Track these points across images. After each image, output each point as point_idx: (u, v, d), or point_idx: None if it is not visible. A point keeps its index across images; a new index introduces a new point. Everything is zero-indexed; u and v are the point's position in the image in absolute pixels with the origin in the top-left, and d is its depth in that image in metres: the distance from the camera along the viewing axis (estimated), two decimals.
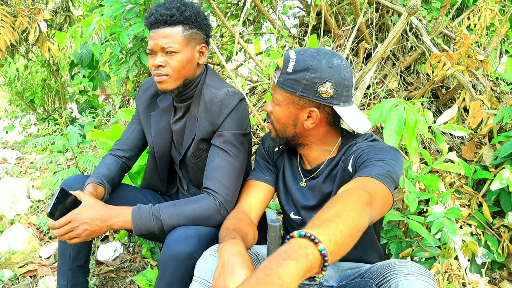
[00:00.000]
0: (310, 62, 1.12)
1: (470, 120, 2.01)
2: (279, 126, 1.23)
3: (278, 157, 1.40)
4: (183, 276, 1.14)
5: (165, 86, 1.37)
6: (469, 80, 2.17)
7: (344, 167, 1.20)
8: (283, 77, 1.15)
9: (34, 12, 3.59)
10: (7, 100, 5.59)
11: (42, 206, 2.61)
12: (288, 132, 1.22)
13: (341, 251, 0.76)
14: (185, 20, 1.33)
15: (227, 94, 1.37)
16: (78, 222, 1.20)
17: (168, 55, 1.34)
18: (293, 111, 1.18)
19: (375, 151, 1.12)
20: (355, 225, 0.80)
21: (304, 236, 0.71)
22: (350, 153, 1.20)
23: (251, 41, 3.77)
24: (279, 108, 1.19)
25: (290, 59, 1.14)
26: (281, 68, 1.16)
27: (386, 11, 2.70)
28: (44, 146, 3.64)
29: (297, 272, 0.64)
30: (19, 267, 2.04)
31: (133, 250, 2.17)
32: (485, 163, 1.99)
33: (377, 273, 1.04)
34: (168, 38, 1.32)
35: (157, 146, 1.56)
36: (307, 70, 1.12)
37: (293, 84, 1.14)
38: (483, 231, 1.84)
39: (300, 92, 1.14)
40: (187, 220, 1.25)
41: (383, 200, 0.97)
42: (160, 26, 1.32)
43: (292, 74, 1.13)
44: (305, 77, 1.12)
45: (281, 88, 1.16)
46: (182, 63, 1.35)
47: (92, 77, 3.86)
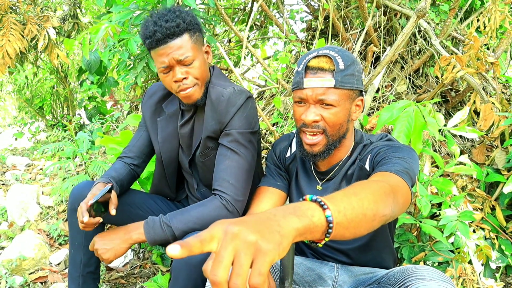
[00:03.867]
0: (350, 55, 1.14)
1: (481, 123, 1.99)
2: (334, 129, 1.16)
3: (290, 163, 1.38)
4: (196, 282, 1.14)
5: (194, 96, 1.36)
6: (479, 82, 2.15)
7: (361, 165, 1.20)
8: (340, 75, 1.10)
9: (43, 20, 3.63)
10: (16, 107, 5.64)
11: (52, 213, 2.62)
12: (342, 131, 1.18)
13: (350, 227, 0.74)
14: (188, 26, 1.31)
15: (234, 92, 1.36)
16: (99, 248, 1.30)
17: (185, 66, 1.31)
18: (348, 106, 1.16)
19: (393, 149, 1.12)
20: (371, 208, 0.78)
21: (315, 201, 0.72)
22: (366, 152, 1.20)
23: (257, 46, 3.78)
24: (337, 109, 1.13)
25: (335, 57, 1.11)
26: (331, 68, 1.11)
27: (394, 14, 2.70)
28: (53, 153, 3.67)
29: (297, 227, 0.64)
30: (29, 273, 2.04)
31: (143, 256, 2.17)
32: (498, 166, 1.97)
33: (395, 278, 1.02)
34: (181, 49, 1.29)
35: (164, 152, 1.55)
36: (354, 63, 1.13)
37: (350, 79, 1.12)
38: (496, 235, 1.82)
39: (356, 84, 1.14)
40: (196, 223, 1.26)
41: (403, 194, 0.95)
42: (168, 40, 1.28)
43: (346, 69, 1.11)
44: (356, 69, 1.13)
45: (341, 87, 1.11)
46: (201, 68, 1.35)
47: (101, 83, 3.88)
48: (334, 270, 1.30)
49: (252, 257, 0.56)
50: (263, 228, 0.60)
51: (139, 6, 2.16)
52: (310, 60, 1.13)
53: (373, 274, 1.23)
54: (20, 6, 3.65)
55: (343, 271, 1.29)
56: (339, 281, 1.27)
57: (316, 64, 1.12)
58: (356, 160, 1.23)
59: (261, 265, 0.56)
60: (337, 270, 1.29)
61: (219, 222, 0.61)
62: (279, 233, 0.60)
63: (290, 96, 2.63)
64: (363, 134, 1.28)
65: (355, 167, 1.22)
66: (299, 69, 1.15)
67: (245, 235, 0.57)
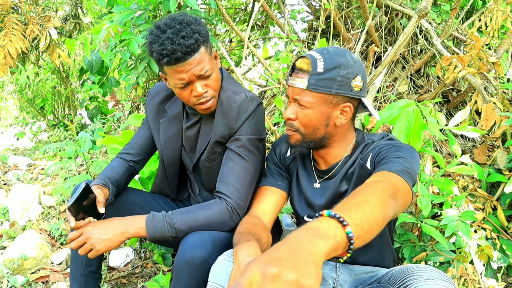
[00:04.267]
0: (339, 59, 1.12)
1: (483, 123, 1.99)
2: (308, 130, 1.20)
3: (291, 162, 1.39)
4: (198, 282, 1.14)
5: (213, 108, 1.36)
6: (481, 82, 2.15)
7: (362, 164, 1.20)
8: (314, 79, 1.12)
9: (44, 20, 3.64)
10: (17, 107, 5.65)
11: (53, 212, 2.63)
12: (318, 134, 1.20)
13: (366, 237, 0.77)
14: (203, 38, 1.27)
15: (246, 99, 1.36)
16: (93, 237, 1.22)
17: (205, 79, 1.29)
18: (325, 110, 1.16)
19: (394, 148, 1.13)
20: (381, 214, 0.81)
21: (333, 217, 0.73)
22: (368, 151, 1.20)
23: (258, 46, 3.78)
24: (310, 111, 1.16)
25: (317, 60, 1.12)
26: (309, 70, 1.13)
27: (395, 14, 2.70)
28: (55, 153, 3.67)
29: (325, 251, 0.66)
30: (31, 273, 2.05)
31: (145, 255, 2.17)
32: (499, 166, 1.96)
33: (395, 278, 1.02)
34: (201, 64, 1.26)
35: (166, 153, 1.55)
36: (339, 67, 1.12)
37: (328, 83, 1.12)
38: (498, 235, 1.82)
39: (335, 90, 1.12)
40: (200, 226, 1.26)
41: (404, 194, 0.97)
42: (187, 57, 1.23)
43: (324, 73, 1.11)
44: (339, 74, 1.11)
45: (314, 89, 1.13)
46: (218, 79, 1.34)
47: (102, 83, 3.89)
48: (335, 269, 1.30)
49: None
50: (299, 263, 0.60)
51: (141, 6, 2.17)
52: (298, 59, 1.17)
53: (373, 273, 1.24)
54: (22, 6, 3.66)
55: (344, 270, 1.29)
56: (339, 280, 1.27)
57: (298, 64, 1.15)
58: (357, 159, 1.23)
59: None
60: (338, 270, 1.29)
61: (253, 263, 0.61)
62: (313, 263, 0.61)
63: None
64: (364, 133, 1.29)
65: (355, 166, 1.23)
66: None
67: (285, 276, 0.57)
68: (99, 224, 1.24)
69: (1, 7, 3.41)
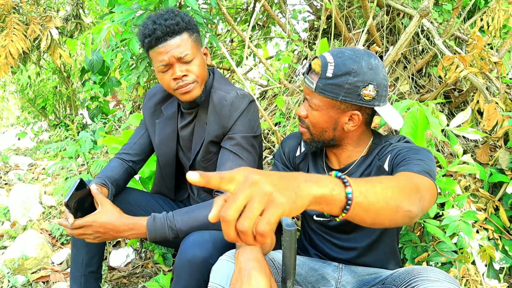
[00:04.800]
0: (351, 65, 1.08)
1: (485, 123, 1.98)
2: (316, 131, 1.19)
3: (301, 161, 1.36)
4: (199, 281, 1.14)
5: (194, 93, 1.35)
6: (483, 82, 2.14)
7: (379, 165, 1.19)
8: (322, 82, 1.09)
9: (45, 20, 3.64)
10: (19, 107, 5.66)
11: (54, 212, 2.62)
12: (326, 136, 1.20)
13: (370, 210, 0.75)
14: (187, 25, 1.32)
15: (237, 96, 1.36)
16: (92, 229, 1.22)
17: (185, 64, 1.31)
18: (333, 115, 1.14)
19: (413, 151, 1.11)
20: (395, 198, 0.78)
21: (338, 178, 0.73)
22: (386, 152, 1.19)
23: (260, 45, 3.77)
24: (318, 113, 1.15)
25: (328, 63, 1.09)
26: (319, 73, 1.10)
27: (396, 14, 2.69)
28: (56, 152, 3.67)
29: (315, 194, 0.66)
30: (32, 273, 2.05)
31: (145, 255, 2.17)
32: (501, 166, 1.95)
33: (400, 279, 1.02)
34: (180, 47, 1.29)
35: (161, 154, 1.55)
36: (349, 74, 1.08)
37: (335, 89, 1.09)
38: (500, 235, 1.81)
39: (342, 96, 1.09)
40: (201, 226, 1.25)
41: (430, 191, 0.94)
42: (167, 38, 1.29)
43: (333, 78, 1.08)
44: (347, 81, 1.08)
45: (321, 93, 1.11)
46: (201, 66, 1.35)
47: (103, 83, 3.89)
48: (338, 270, 1.29)
49: (264, 205, 0.59)
50: (282, 184, 0.62)
51: (141, 6, 2.16)
52: (314, 58, 1.14)
53: (376, 274, 1.23)
54: (23, 6, 3.66)
55: (347, 271, 1.28)
56: (342, 281, 1.26)
57: (313, 64, 1.13)
58: (373, 160, 1.22)
59: (271, 215, 0.59)
60: (341, 270, 1.29)
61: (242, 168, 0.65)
62: (295, 193, 0.63)
63: (292, 96, 2.62)
64: (381, 135, 1.28)
65: (372, 167, 1.21)
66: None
67: (262, 184, 0.60)
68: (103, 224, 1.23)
69: (3, 7, 3.41)
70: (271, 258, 1.19)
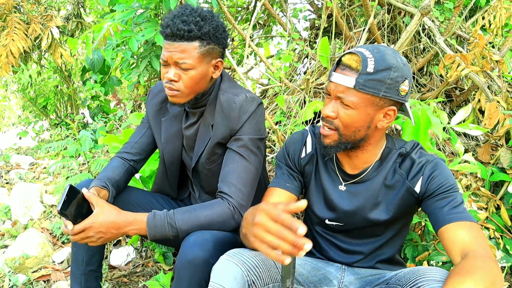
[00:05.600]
0: (391, 60, 1.07)
1: (486, 122, 1.97)
2: (348, 131, 1.13)
3: (307, 164, 1.33)
4: (200, 282, 1.13)
5: (175, 100, 1.34)
6: (484, 81, 2.14)
7: (408, 187, 1.18)
8: (363, 78, 1.05)
9: (46, 19, 3.64)
10: (20, 107, 5.66)
11: (55, 211, 2.63)
12: (358, 136, 1.14)
13: None
14: (203, 36, 1.27)
15: (246, 99, 1.35)
16: (93, 231, 1.21)
17: (182, 70, 1.29)
18: (371, 112, 1.10)
19: (442, 173, 1.13)
20: None
21: None
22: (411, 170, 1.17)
23: (261, 44, 3.77)
24: (354, 112, 1.10)
25: (368, 58, 1.06)
26: (358, 69, 1.06)
27: (397, 13, 2.68)
28: (57, 152, 3.67)
29: None
30: (32, 271, 2.05)
31: (146, 254, 2.17)
32: (503, 165, 1.95)
33: (405, 279, 1.01)
34: (183, 54, 1.26)
35: (167, 152, 1.54)
36: (390, 69, 1.06)
37: (376, 85, 1.06)
38: (501, 234, 1.80)
39: (383, 92, 1.07)
40: (201, 226, 1.25)
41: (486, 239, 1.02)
42: (176, 39, 1.26)
43: (374, 74, 1.05)
44: (389, 76, 1.06)
45: (362, 90, 1.06)
46: (195, 79, 1.31)
47: (104, 82, 3.89)
48: (340, 270, 1.29)
49: None
50: None
51: (142, 4, 2.16)
52: (345, 55, 1.11)
53: (379, 275, 1.22)
54: (24, 5, 3.66)
55: (349, 272, 1.28)
56: (345, 281, 1.26)
57: (346, 60, 1.09)
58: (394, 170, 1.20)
59: None
60: (343, 271, 1.28)
61: None
62: None
63: (293, 95, 2.62)
64: (393, 138, 1.25)
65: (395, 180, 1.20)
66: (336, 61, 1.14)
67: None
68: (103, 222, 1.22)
69: (4, 6, 3.41)
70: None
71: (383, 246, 1.26)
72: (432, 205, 1.12)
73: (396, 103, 1.12)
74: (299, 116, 2.34)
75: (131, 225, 1.24)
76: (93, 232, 1.21)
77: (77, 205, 1.22)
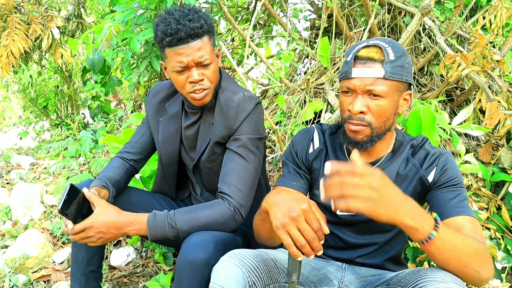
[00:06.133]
0: (401, 47, 1.12)
1: (487, 121, 1.97)
2: (380, 122, 1.14)
3: (315, 159, 1.31)
4: (200, 283, 1.13)
5: (207, 99, 1.34)
6: (485, 80, 2.13)
7: (422, 176, 1.19)
8: (389, 66, 1.09)
9: (47, 20, 3.64)
10: (21, 107, 5.67)
11: (55, 211, 2.62)
12: (388, 124, 1.16)
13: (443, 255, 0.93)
14: (209, 28, 1.29)
15: (244, 98, 1.35)
16: (93, 231, 1.21)
17: (203, 68, 1.29)
18: (396, 98, 1.14)
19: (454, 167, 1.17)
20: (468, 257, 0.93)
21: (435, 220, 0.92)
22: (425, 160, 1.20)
23: (261, 44, 3.77)
24: (385, 101, 1.11)
25: (386, 48, 1.10)
26: (382, 59, 1.09)
27: (398, 13, 2.68)
28: (57, 152, 3.67)
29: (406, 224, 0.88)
30: (33, 272, 2.05)
31: (146, 255, 2.16)
32: (503, 165, 1.94)
33: (406, 280, 1.01)
34: (201, 51, 1.27)
35: (164, 152, 1.54)
36: (405, 55, 1.11)
37: (400, 70, 1.10)
38: (502, 235, 1.80)
39: (405, 77, 1.12)
40: (202, 226, 1.25)
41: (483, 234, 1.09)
42: (190, 40, 1.25)
43: (396, 60, 1.09)
44: (406, 60, 1.11)
45: (390, 78, 1.09)
46: (216, 72, 1.34)
47: (104, 82, 3.89)
48: (341, 269, 1.28)
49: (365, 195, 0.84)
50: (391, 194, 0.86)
51: (142, 5, 2.16)
52: (360, 49, 1.12)
53: (380, 276, 1.22)
54: (24, 6, 3.66)
55: (350, 272, 1.27)
56: (345, 281, 1.25)
57: (365, 54, 1.11)
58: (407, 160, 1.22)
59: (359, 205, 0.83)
60: (344, 270, 1.28)
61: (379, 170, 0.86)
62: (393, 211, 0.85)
63: (293, 95, 2.62)
64: (401, 132, 1.28)
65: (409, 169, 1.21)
66: (348, 59, 1.14)
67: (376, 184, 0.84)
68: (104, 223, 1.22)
69: (4, 7, 3.42)
70: (273, 259, 1.18)
71: (392, 241, 1.26)
72: (440, 195, 1.13)
73: (410, 86, 1.17)
74: (299, 116, 2.34)
75: (132, 225, 1.24)
76: (94, 232, 1.21)
77: (78, 204, 1.22)
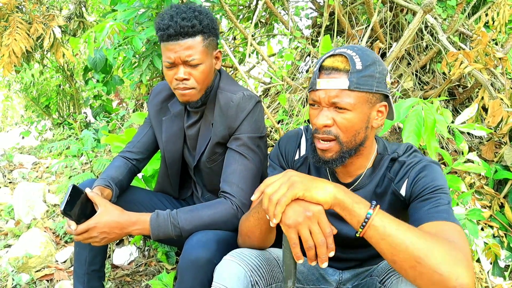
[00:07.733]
0: (372, 54, 1.04)
1: (490, 119, 1.96)
2: (348, 136, 1.05)
3: (300, 166, 1.26)
4: (203, 282, 1.13)
5: (190, 98, 1.34)
6: (487, 78, 2.12)
7: (394, 190, 1.11)
8: (355, 76, 1.00)
9: (48, 19, 3.64)
10: (23, 106, 5.67)
11: (58, 211, 2.63)
12: (358, 139, 1.06)
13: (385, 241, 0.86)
14: (204, 29, 1.29)
15: (243, 97, 1.35)
16: (97, 231, 1.21)
17: (191, 67, 1.30)
18: (366, 111, 1.04)
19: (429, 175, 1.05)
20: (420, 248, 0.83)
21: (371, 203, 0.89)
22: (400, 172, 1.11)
23: (263, 43, 3.76)
24: (351, 114, 1.02)
25: (352, 56, 1.01)
26: (347, 69, 1.01)
27: (400, 10, 2.67)
28: (60, 151, 3.68)
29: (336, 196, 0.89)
30: (36, 271, 2.05)
31: (149, 253, 2.17)
32: (506, 163, 1.94)
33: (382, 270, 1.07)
34: (190, 50, 1.27)
35: (168, 151, 1.55)
36: (375, 63, 1.03)
37: (368, 81, 1.01)
38: (505, 233, 1.79)
39: (376, 87, 1.02)
40: (205, 225, 1.25)
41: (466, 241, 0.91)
42: (180, 38, 1.26)
43: (364, 70, 1.01)
44: (377, 70, 1.02)
45: (357, 88, 1.00)
46: (205, 73, 1.33)
47: (106, 81, 3.89)
48: (338, 271, 1.29)
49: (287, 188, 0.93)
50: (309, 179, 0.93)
51: (144, 4, 2.16)
52: (325, 59, 1.04)
53: (371, 269, 1.25)
54: (26, 5, 3.66)
55: (348, 272, 1.28)
56: (343, 280, 1.28)
57: (330, 63, 1.03)
58: (384, 176, 1.14)
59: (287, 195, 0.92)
60: (341, 273, 1.29)
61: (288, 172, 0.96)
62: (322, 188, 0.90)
63: (295, 93, 2.61)
64: (385, 143, 1.18)
65: (385, 185, 1.14)
66: (315, 69, 1.06)
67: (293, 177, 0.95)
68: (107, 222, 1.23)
69: (6, 6, 3.42)
70: (275, 258, 1.18)
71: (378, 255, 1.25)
72: (415, 206, 1.03)
73: (386, 98, 1.08)
74: (301, 114, 2.33)
75: (135, 225, 1.24)
76: (97, 232, 1.22)
77: (81, 205, 1.22)
